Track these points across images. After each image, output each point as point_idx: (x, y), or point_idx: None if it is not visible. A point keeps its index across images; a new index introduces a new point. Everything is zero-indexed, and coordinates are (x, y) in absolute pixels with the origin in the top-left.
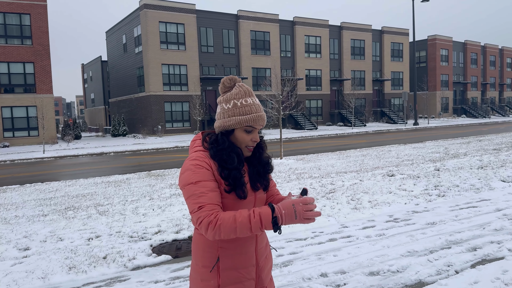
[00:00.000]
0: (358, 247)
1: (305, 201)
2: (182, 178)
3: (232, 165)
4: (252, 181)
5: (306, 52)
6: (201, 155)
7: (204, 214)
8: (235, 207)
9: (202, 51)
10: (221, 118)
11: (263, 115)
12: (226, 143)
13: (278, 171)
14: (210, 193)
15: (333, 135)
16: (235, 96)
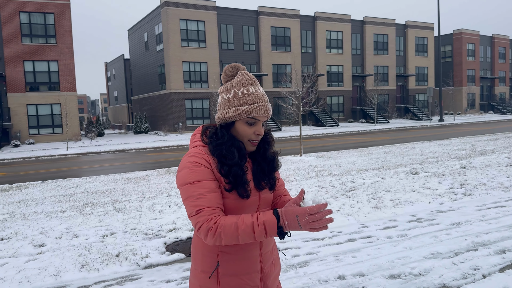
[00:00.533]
0: (379, 248)
1: (312, 212)
2: (179, 177)
3: (232, 161)
4: (256, 179)
5: (327, 47)
6: (200, 151)
7: (202, 219)
8: (238, 207)
9: (223, 48)
10: (221, 109)
11: (267, 105)
12: (225, 136)
13: (298, 168)
14: (209, 194)
15: (355, 132)
16: (236, 85)
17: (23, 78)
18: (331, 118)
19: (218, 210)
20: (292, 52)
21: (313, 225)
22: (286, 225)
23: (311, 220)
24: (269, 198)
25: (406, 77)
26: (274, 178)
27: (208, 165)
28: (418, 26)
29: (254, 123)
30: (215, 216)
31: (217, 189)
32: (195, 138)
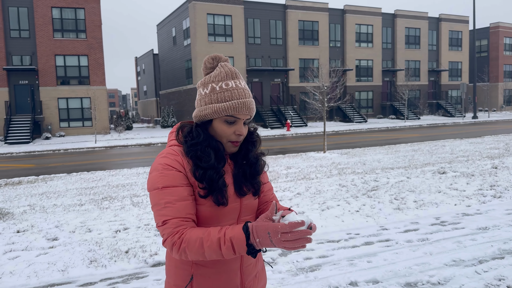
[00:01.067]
0: (397, 253)
1: (284, 230)
2: (149, 180)
3: (207, 163)
4: (237, 184)
5: (356, 41)
6: (173, 152)
7: (168, 232)
8: (215, 215)
9: (249, 43)
10: (197, 105)
11: (248, 101)
12: (201, 136)
13: (320, 166)
14: (178, 203)
15: (383, 128)
16: (214, 78)
17: (55, 72)
18: (359, 114)
19: (186, 221)
20: (319, 47)
21: (287, 244)
22: (257, 242)
23: (284, 239)
24: (253, 204)
25: (439, 72)
26: (258, 182)
27: (181, 168)
28: (452, 19)
29: (234, 121)
30: (182, 229)
31: (189, 197)
32: (171, 136)
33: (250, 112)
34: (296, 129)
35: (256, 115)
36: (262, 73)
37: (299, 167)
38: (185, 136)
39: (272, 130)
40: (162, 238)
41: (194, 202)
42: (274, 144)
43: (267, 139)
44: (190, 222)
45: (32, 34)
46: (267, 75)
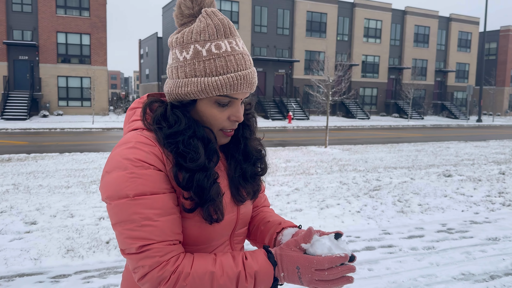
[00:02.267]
0: (400, 261)
1: (322, 265)
2: (107, 183)
3: (194, 163)
4: (234, 187)
5: (364, 36)
6: (145, 139)
7: (151, 263)
8: (205, 234)
9: (255, 31)
10: (173, 76)
11: (251, 73)
12: (182, 121)
13: (320, 161)
14: (161, 219)
15: (386, 126)
16: (198, 35)
17: (55, 49)
18: (362, 111)
19: (175, 246)
20: (327, 39)
21: (321, 285)
22: (282, 277)
23: (318, 277)
24: (249, 212)
25: (446, 72)
26: (259, 183)
27: (160, 165)
28: (463, 20)
29: (229, 102)
30: (173, 257)
31: (175, 208)
32: (134, 115)
33: (252, 88)
34: (297, 122)
35: (258, 105)
36: (266, 63)
37: (299, 161)
38: (156, 121)
39: (273, 121)
40: (136, 272)
41: (179, 214)
42: (274, 135)
43: (267, 131)
44: (180, 246)
45: (34, 9)
46: (272, 66)
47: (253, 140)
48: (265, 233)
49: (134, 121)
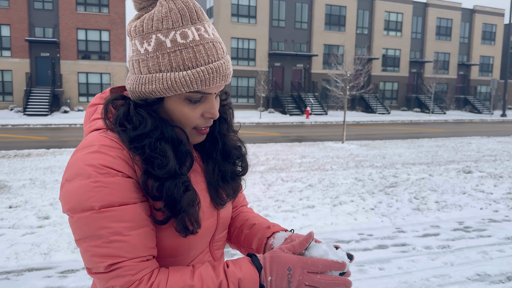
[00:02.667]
0: (413, 260)
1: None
2: (69, 192)
3: (163, 169)
4: (213, 190)
5: (385, 29)
6: (110, 142)
7: (121, 283)
8: (182, 245)
9: (273, 25)
10: (135, 71)
11: (224, 64)
12: (147, 122)
13: (336, 157)
14: (132, 232)
15: (407, 121)
16: (159, 23)
17: (76, 46)
18: (382, 105)
19: (149, 262)
20: (346, 33)
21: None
22: (269, 282)
23: (309, 282)
24: (229, 214)
25: (469, 66)
26: (240, 182)
27: (130, 171)
28: (487, 12)
29: (202, 98)
30: (147, 274)
31: (148, 219)
32: (94, 113)
33: (227, 80)
34: (315, 117)
35: (276, 100)
36: (284, 57)
37: (315, 157)
38: (118, 122)
39: (291, 117)
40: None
41: (153, 226)
42: (291, 131)
43: (284, 126)
44: (154, 261)
45: (55, 6)
46: (290, 60)
47: (231, 136)
48: (252, 237)
49: (95, 120)
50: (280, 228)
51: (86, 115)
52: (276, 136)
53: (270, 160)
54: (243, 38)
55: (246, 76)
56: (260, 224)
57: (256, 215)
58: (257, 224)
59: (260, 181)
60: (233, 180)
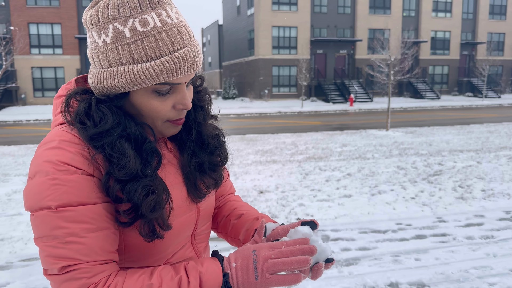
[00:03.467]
0: (452, 251)
1: (279, 243)
2: (29, 190)
3: (122, 171)
4: (190, 183)
5: (433, 11)
6: (70, 137)
7: (76, 287)
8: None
9: (315, 12)
10: (95, 65)
11: (192, 50)
12: (108, 119)
13: (379, 145)
14: (90, 234)
15: (458, 106)
16: (116, 11)
17: None
18: (431, 90)
19: (108, 265)
20: (391, 16)
21: (277, 267)
22: (234, 269)
23: (275, 255)
24: (212, 205)
25: None
26: (221, 172)
27: (91, 169)
28: None
29: (171, 89)
30: (103, 279)
31: (109, 221)
32: (60, 105)
33: (196, 67)
34: (360, 105)
35: (318, 88)
36: (327, 44)
37: (356, 145)
38: (78, 119)
39: (334, 105)
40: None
41: (116, 229)
42: (333, 119)
43: (327, 115)
44: (114, 265)
45: None
46: (332, 46)
47: (207, 124)
48: (239, 228)
49: (59, 114)
50: (269, 220)
51: (53, 107)
52: (317, 125)
53: (310, 149)
54: (284, 26)
55: (288, 64)
56: (248, 214)
57: (244, 203)
58: (245, 215)
59: (297, 170)
60: (212, 171)
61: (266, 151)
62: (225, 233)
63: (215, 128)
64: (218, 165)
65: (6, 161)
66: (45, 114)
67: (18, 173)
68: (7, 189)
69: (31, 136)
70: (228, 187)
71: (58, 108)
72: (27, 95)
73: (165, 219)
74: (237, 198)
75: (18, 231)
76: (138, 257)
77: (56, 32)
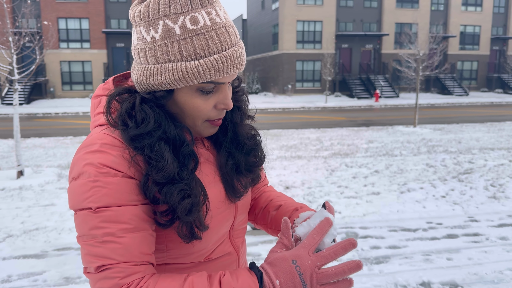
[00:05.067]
0: (486, 251)
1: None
2: (72, 190)
3: (160, 173)
4: (227, 182)
5: (463, 4)
6: (111, 140)
7: (108, 286)
8: (193, 242)
9: (340, 5)
10: (141, 61)
11: (238, 51)
12: (150, 120)
13: (407, 141)
14: (128, 235)
15: (488, 103)
16: (167, 7)
17: None
18: (460, 86)
19: (143, 266)
20: (419, 10)
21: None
22: (278, 286)
23: (321, 261)
24: (249, 199)
25: None
26: (258, 173)
27: (132, 171)
28: None
29: (214, 88)
30: (136, 281)
31: (147, 223)
32: (99, 105)
33: (241, 67)
34: (385, 100)
35: (342, 83)
36: (352, 38)
37: (383, 142)
38: (121, 119)
39: (359, 100)
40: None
41: (153, 231)
42: (358, 115)
43: (351, 110)
44: (150, 267)
45: None
46: (358, 41)
47: (244, 125)
48: (279, 219)
49: (99, 114)
50: (307, 209)
51: (91, 106)
52: (342, 121)
53: (335, 145)
54: (309, 20)
55: (312, 59)
56: (287, 205)
57: (280, 193)
58: (283, 205)
59: (323, 166)
60: (248, 171)
61: (291, 146)
62: (264, 225)
63: (251, 128)
64: (255, 165)
65: (38, 152)
66: (73, 107)
67: (49, 165)
68: (40, 180)
69: (60, 128)
70: (262, 179)
71: (96, 108)
72: (56, 88)
73: (202, 220)
74: (270, 188)
75: (51, 221)
76: (179, 254)
77: (84, 27)
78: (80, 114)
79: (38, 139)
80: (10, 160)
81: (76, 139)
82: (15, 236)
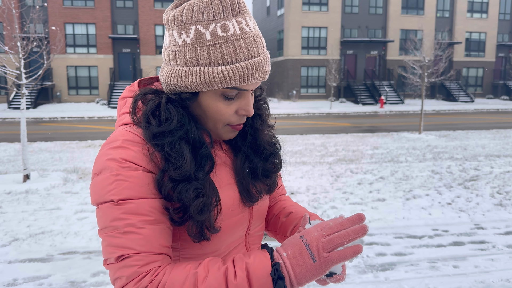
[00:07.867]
0: (492, 259)
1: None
2: (94, 185)
3: (177, 171)
4: (243, 186)
5: (468, 11)
6: (133, 137)
7: (128, 274)
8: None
9: (345, 12)
10: (170, 63)
11: (264, 60)
12: (173, 119)
13: (412, 148)
14: (147, 226)
15: (493, 110)
16: (200, 13)
17: (154, 41)
18: (465, 93)
19: (160, 257)
20: (425, 16)
21: (333, 242)
22: (285, 258)
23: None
24: (266, 206)
25: None
26: (275, 179)
27: (152, 166)
28: None
29: (237, 94)
30: (154, 269)
31: (164, 215)
32: (124, 106)
33: (265, 77)
34: (390, 107)
35: (347, 89)
36: (357, 44)
37: (388, 148)
38: (146, 115)
39: (364, 106)
40: (114, 284)
41: (171, 225)
42: (363, 121)
43: (356, 116)
44: (166, 258)
45: (135, 4)
46: (363, 47)
47: (265, 131)
48: (288, 225)
49: (124, 114)
50: (316, 218)
51: (118, 107)
52: (347, 127)
53: (340, 151)
54: (314, 26)
55: (317, 65)
56: (297, 212)
57: (294, 203)
58: (293, 213)
59: (328, 172)
60: (265, 177)
61: (295, 152)
62: (274, 231)
63: (272, 136)
64: (272, 171)
65: (44, 156)
66: (79, 112)
67: (55, 169)
68: (46, 184)
69: (65, 132)
70: (279, 189)
71: (121, 108)
72: (62, 93)
73: (212, 222)
74: (287, 198)
75: (57, 225)
76: (192, 255)
77: (90, 32)
78: (86, 118)
79: (44, 143)
80: (16, 164)
81: (81, 143)
82: (21, 239)
